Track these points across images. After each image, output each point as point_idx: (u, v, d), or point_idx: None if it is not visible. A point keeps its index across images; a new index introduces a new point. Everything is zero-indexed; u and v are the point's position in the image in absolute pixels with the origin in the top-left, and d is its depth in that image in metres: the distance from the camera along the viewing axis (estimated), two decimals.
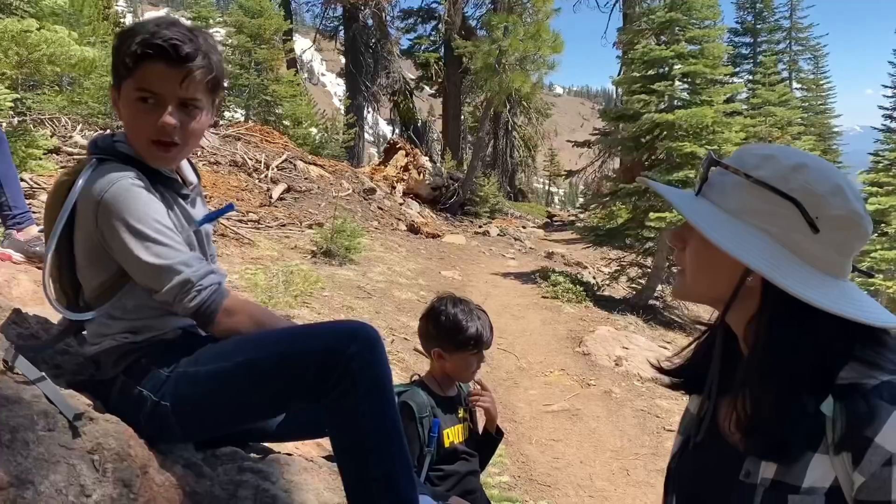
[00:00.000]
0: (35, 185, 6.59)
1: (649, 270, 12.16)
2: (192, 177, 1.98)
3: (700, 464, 1.27)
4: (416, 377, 2.65)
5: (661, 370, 1.38)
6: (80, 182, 1.70)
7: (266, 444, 2.32)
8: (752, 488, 1.12)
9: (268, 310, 1.93)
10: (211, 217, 1.93)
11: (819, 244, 1.08)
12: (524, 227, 20.33)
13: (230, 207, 2.04)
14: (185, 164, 1.97)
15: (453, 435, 2.51)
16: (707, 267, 1.16)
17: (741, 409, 1.13)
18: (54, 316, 2.03)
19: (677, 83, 11.91)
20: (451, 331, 2.49)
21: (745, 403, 1.13)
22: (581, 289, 11.14)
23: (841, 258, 1.10)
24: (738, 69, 33.29)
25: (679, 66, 11.75)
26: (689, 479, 1.30)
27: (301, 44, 34.60)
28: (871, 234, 1.12)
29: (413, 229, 14.36)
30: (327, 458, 2.42)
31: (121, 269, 1.73)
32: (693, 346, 1.36)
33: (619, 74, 14.75)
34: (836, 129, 37.01)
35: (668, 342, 9.63)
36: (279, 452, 2.27)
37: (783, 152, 1.13)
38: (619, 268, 12.82)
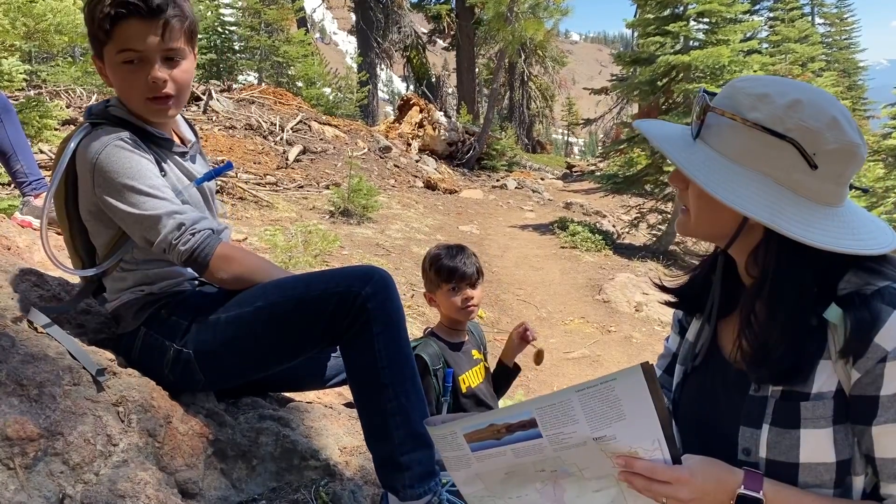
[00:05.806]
0: (53, 157, 6.69)
1: (669, 216, 12.06)
2: (189, 135, 2.02)
3: (704, 388, 1.31)
4: (428, 329, 2.70)
5: (663, 288, 1.42)
6: (72, 145, 1.74)
7: (286, 394, 2.39)
8: (763, 400, 1.16)
9: (266, 260, 1.97)
10: (210, 175, 1.96)
11: (818, 179, 1.09)
12: (542, 179, 20.17)
13: (229, 166, 2.08)
14: (182, 123, 2.01)
15: (469, 379, 2.56)
16: (709, 209, 1.17)
17: (750, 340, 1.17)
18: (74, 278, 2.10)
19: (692, 23, 11.63)
20: (427, 270, 2.57)
21: (752, 335, 1.16)
22: (600, 237, 11.10)
23: (838, 187, 1.11)
24: (757, 6, 32.30)
25: (694, 5, 11.45)
26: (693, 403, 1.34)
27: (311, 2, 34.10)
28: (866, 158, 1.13)
29: (430, 186, 14.31)
30: (347, 405, 2.49)
31: None
32: (695, 271, 1.40)
33: (634, 17, 14.39)
34: (861, 65, 35.96)
35: None
36: (299, 401, 2.34)
37: (778, 88, 1.11)
38: (638, 215, 12.72)
